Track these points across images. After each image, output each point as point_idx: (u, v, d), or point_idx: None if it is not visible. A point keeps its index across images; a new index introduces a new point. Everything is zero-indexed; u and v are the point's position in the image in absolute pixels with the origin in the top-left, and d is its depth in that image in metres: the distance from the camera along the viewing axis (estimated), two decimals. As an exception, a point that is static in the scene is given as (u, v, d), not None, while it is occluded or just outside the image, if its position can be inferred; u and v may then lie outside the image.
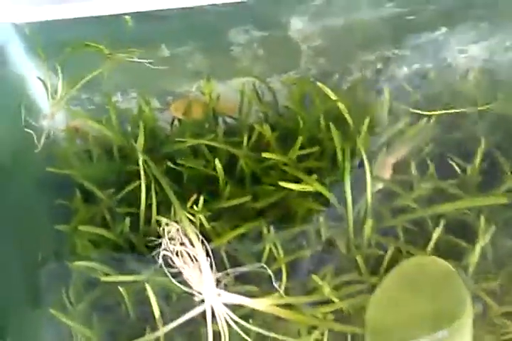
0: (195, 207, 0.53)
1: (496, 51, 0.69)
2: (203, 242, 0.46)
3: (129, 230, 0.57)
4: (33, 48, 0.60)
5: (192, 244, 0.45)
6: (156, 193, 0.57)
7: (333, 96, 0.56)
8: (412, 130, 0.62)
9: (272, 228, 0.53)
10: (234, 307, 0.45)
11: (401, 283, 0.48)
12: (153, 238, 0.53)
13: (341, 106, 0.57)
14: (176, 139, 0.57)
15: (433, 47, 0.63)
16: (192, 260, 0.44)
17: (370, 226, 0.55)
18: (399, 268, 0.50)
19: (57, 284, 0.57)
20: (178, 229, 0.44)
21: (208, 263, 0.44)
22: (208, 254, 0.46)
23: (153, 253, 0.49)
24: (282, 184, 0.53)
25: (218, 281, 0.45)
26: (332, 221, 0.58)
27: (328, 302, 0.53)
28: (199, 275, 0.44)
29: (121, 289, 0.50)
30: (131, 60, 0.55)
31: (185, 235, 0.47)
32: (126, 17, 0.54)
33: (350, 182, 0.57)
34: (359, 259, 0.55)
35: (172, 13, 0.52)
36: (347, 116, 0.57)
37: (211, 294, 0.42)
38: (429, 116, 0.63)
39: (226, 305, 0.42)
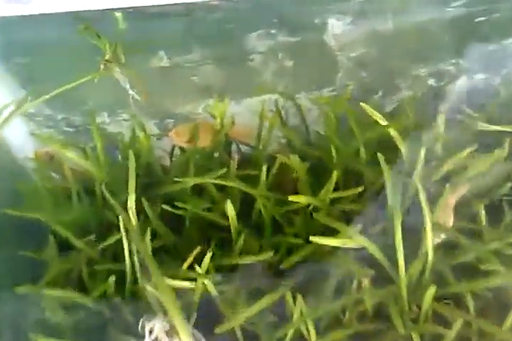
0: (197, 267, 0.40)
1: None
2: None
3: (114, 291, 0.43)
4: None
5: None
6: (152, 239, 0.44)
7: (381, 121, 0.43)
8: (481, 163, 0.48)
9: (300, 300, 0.40)
10: None
11: None
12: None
13: (392, 132, 0.43)
14: (176, 179, 0.43)
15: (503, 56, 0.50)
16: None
17: (432, 295, 0.42)
18: None
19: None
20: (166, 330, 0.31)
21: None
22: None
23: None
24: (314, 239, 0.40)
25: None
26: (379, 285, 0.45)
27: None
28: None
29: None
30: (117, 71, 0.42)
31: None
32: (117, 14, 0.41)
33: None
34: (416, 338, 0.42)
35: (172, 10, 0.40)
36: (400, 144, 0.44)
37: None
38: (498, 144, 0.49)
39: None
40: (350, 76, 0.48)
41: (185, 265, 0.40)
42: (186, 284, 0.41)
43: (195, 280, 0.41)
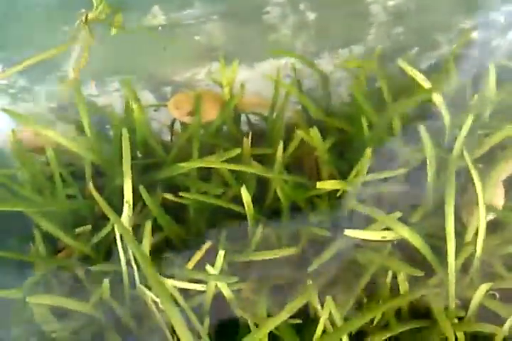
0: (208, 267, 0.34)
1: None
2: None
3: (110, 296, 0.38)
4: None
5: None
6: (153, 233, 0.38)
7: (424, 83, 0.36)
8: None
9: (330, 301, 0.34)
10: None
11: None
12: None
13: (437, 100, 0.36)
14: (181, 164, 0.36)
15: None
16: None
17: (484, 292, 0.36)
18: None
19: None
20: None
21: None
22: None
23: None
24: (348, 233, 0.33)
25: None
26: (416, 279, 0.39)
27: None
28: None
29: None
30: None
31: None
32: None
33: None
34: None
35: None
36: (445, 112, 0.37)
37: None
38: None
39: None
40: (384, 31, 0.40)
41: (191, 264, 0.34)
42: (195, 286, 0.35)
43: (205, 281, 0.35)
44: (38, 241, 0.41)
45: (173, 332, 0.37)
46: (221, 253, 0.35)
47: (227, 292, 0.36)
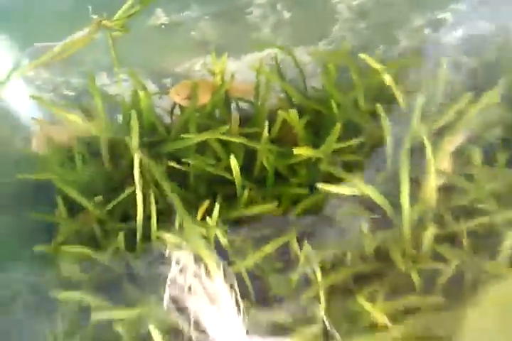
0: (208, 218, 0.42)
1: None
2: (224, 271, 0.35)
3: (125, 248, 0.45)
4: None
5: (209, 275, 0.34)
6: (157, 201, 0.45)
7: (378, 66, 0.44)
8: (474, 109, 0.49)
9: (306, 245, 0.42)
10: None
11: (494, 313, 0.37)
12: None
13: (388, 80, 0.45)
14: (181, 135, 0.45)
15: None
16: (210, 298, 0.33)
17: (432, 233, 0.44)
18: (490, 296, 0.39)
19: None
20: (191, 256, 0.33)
21: (234, 301, 0.33)
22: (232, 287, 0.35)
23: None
24: (322, 186, 0.42)
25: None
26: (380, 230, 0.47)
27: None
28: (220, 318, 0.32)
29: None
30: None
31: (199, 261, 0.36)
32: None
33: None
34: (415, 277, 0.44)
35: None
36: (398, 95, 0.45)
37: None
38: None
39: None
40: (349, 27, 0.49)
41: (199, 215, 0.42)
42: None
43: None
44: (60, 205, 0.49)
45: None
46: (217, 206, 0.43)
47: (223, 240, 0.44)
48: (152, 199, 0.45)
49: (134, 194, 0.48)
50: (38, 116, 0.50)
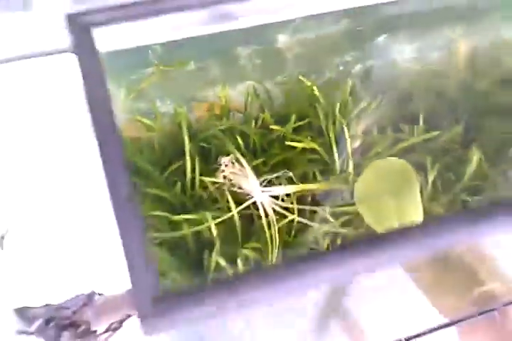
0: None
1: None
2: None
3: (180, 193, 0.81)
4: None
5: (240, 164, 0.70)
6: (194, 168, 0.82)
7: (315, 91, 0.82)
8: (371, 107, 0.88)
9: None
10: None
11: (377, 174, 0.74)
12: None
13: (317, 93, 0.83)
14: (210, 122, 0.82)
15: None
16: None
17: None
18: (375, 164, 0.75)
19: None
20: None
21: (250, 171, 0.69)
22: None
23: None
24: (289, 143, 0.78)
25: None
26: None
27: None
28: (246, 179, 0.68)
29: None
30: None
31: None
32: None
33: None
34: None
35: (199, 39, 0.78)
36: (321, 100, 0.83)
37: (257, 191, 0.66)
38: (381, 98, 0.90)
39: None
40: (295, 66, 0.87)
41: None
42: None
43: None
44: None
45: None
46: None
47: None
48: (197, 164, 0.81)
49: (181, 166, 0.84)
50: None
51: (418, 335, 0.91)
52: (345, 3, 0.84)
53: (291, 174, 0.73)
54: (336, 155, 0.80)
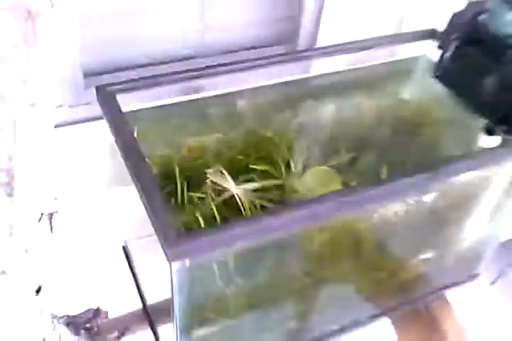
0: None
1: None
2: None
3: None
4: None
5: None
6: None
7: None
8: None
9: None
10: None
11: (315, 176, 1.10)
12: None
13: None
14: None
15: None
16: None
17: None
18: (313, 169, 1.12)
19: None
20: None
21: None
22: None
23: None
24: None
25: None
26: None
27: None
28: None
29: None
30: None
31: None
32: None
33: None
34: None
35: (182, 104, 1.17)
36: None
37: (233, 186, 1.01)
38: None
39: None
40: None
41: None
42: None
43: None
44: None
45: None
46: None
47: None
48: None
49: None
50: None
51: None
52: (284, 77, 1.26)
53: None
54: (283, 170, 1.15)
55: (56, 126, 1.26)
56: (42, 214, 0.72)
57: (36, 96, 0.72)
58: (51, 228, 0.74)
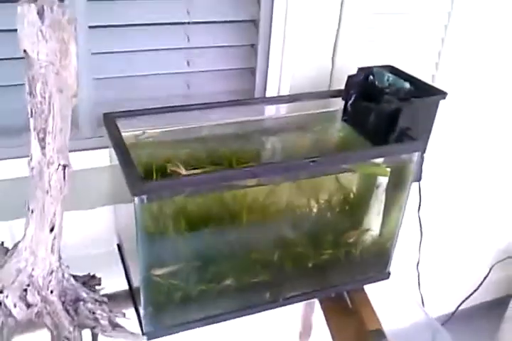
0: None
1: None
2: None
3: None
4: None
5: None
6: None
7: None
8: None
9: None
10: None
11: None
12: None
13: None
14: None
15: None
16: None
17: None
18: None
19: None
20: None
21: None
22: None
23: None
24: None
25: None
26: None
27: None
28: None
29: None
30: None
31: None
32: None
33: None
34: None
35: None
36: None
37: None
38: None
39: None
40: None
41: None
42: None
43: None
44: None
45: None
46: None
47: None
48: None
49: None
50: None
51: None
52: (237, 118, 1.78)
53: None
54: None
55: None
56: (59, 164, 1.17)
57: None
58: (64, 177, 1.17)
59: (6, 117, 1.49)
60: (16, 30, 0.95)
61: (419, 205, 1.84)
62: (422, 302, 2.38)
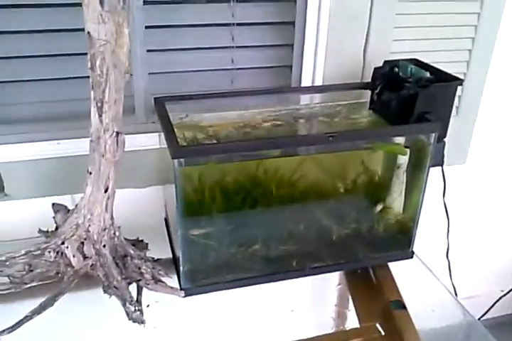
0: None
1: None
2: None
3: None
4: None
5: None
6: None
7: None
8: None
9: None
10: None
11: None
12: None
13: None
14: None
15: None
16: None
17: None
18: None
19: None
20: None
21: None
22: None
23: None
24: None
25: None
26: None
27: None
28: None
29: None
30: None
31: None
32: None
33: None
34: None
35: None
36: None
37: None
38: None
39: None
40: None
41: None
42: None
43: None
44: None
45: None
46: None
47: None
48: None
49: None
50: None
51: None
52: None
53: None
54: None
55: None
56: (113, 131, 1.40)
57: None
58: (117, 143, 1.40)
59: (78, 104, 1.73)
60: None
61: (444, 191, 1.93)
62: (455, 293, 2.42)
